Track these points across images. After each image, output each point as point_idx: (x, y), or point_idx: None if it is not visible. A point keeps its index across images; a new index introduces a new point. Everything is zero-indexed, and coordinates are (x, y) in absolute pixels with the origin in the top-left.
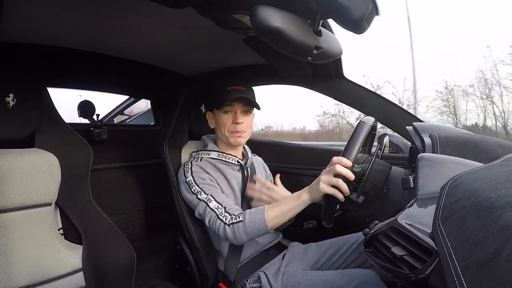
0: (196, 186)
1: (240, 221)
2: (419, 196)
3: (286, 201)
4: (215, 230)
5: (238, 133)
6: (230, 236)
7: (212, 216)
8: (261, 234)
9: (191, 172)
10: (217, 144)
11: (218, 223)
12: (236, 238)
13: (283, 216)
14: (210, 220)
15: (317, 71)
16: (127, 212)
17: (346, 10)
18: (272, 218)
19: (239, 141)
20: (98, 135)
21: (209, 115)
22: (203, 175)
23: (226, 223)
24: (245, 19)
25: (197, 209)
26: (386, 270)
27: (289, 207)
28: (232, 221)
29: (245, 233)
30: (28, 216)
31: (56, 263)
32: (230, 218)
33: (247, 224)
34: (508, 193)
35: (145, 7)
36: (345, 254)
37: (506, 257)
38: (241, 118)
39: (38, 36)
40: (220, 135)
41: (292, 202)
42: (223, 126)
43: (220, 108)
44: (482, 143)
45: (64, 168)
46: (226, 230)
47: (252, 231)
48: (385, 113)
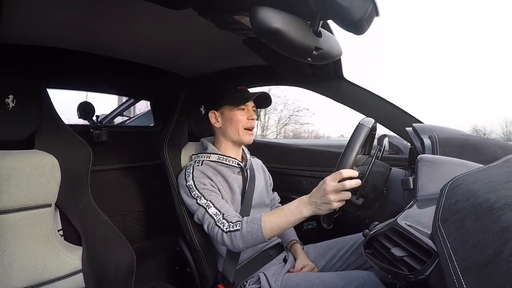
0: (196, 190)
1: (237, 229)
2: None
3: (286, 214)
4: (213, 236)
5: (251, 130)
6: (228, 243)
7: (210, 223)
8: (258, 243)
9: (192, 176)
10: (218, 146)
11: (216, 230)
12: (233, 245)
13: (281, 228)
14: (208, 226)
15: (317, 72)
16: (126, 213)
17: (346, 11)
18: (269, 230)
19: (250, 139)
20: (98, 137)
21: (214, 114)
22: (204, 180)
23: (224, 230)
24: (245, 20)
25: (196, 214)
26: (385, 271)
27: (288, 222)
28: (230, 228)
29: (242, 242)
30: (27, 217)
31: (55, 264)
32: (228, 225)
33: (244, 234)
34: (508, 194)
35: (145, 8)
36: (344, 255)
37: (506, 258)
38: (253, 115)
39: (38, 37)
40: (230, 133)
41: (291, 216)
42: (238, 122)
43: (237, 106)
44: (482, 145)
45: (64, 170)
46: (224, 237)
47: (249, 240)
48: (385, 114)
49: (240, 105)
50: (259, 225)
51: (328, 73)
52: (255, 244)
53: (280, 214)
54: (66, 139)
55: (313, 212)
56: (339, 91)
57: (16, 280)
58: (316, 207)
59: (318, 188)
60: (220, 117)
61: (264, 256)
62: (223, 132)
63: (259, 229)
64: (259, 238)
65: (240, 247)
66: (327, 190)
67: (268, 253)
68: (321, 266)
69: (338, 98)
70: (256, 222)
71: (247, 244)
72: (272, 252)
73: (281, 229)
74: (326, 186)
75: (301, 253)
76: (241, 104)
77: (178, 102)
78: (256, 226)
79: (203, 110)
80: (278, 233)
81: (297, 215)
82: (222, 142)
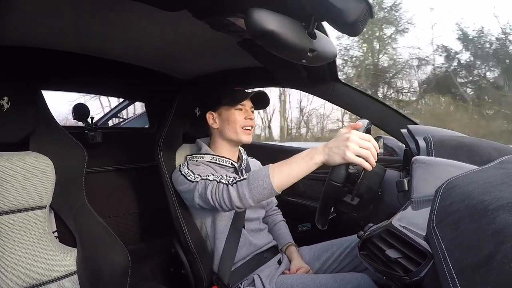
0: (193, 174)
1: (244, 178)
2: (414, 198)
3: (296, 161)
4: (218, 198)
5: (250, 129)
6: (234, 195)
7: (213, 185)
8: (266, 193)
9: (187, 166)
10: (213, 147)
11: (221, 187)
12: (239, 196)
13: (290, 177)
14: (212, 190)
15: (312, 74)
16: (121, 215)
17: (341, 12)
18: (278, 177)
19: (249, 139)
20: (93, 138)
21: (211, 115)
22: (199, 167)
23: (229, 183)
24: (239, 22)
25: (197, 191)
26: (380, 272)
27: (298, 168)
28: (236, 180)
29: (249, 190)
30: (22, 219)
31: (50, 266)
32: (233, 178)
33: (251, 181)
34: (503, 196)
35: (140, 10)
36: (339, 257)
37: (501, 260)
38: (252, 115)
39: (33, 39)
40: (228, 133)
41: (302, 162)
42: (236, 122)
43: (234, 105)
44: (477, 146)
45: (58, 171)
46: (230, 190)
47: (256, 188)
48: (380, 116)
49: (237, 105)
50: (266, 170)
51: (323, 75)
52: (263, 195)
53: (289, 161)
54: (61, 140)
55: (324, 159)
56: (334, 93)
57: (10, 282)
58: (329, 152)
59: (337, 137)
60: (218, 118)
61: (259, 258)
62: (221, 133)
63: (266, 175)
64: (266, 186)
65: (247, 197)
66: (350, 138)
67: (263, 255)
68: (315, 268)
69: (333, 100)
70: (264, 169)
71: (253, 192)
72: (267, 254)
73: (290, 176)
74: (351, 134)
75: (296, 256)
76: (238, 104)
77: (172, 103)
78: (263, 172)
79: (197, 112)
80: (286, 181)
81: (308, 160)
82: (219, 142)
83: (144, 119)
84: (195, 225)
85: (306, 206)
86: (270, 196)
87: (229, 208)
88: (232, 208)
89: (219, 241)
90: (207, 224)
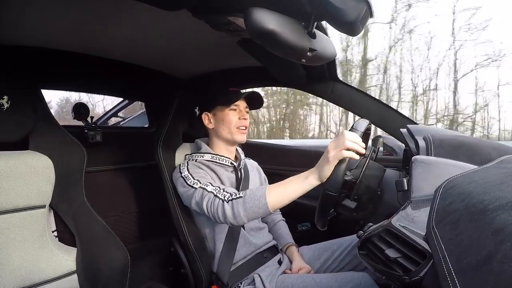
0: (192, 178)
1: (239, 197)
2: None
3: (291, 182)
4: (213, 212)
5: (244, 129)
6: (229, 212)
7: (210, 198)
8: (260, 213)
9: (187, 168)
10: (212, 146)
11: (216, 202)
12: (234, 214)
13: (285, 196)
14: (208, 202)
15: (311, 74)
16: (121, 214)
17: (341, 12)
18: (273, 197)
19: (243, 138)
20: (92, 137)
21: (207, 116)
22: (199, 170)
23: (224, 199)
24: (239, 21)
25: (194, 198)
26: (380, 272)
27: (293, 189)
28: (232, 197)
29: (244, 209)
30: (21, 219)
31: (50, 266)
32: (229, 195)
33: (247, 200)
34: (502, 196)
35: (139, 9)
36: (339, 257)
37: (500, 260)
38: (246, 115)
39: (32, 38)
40: (223, 133)
41: (297, 183)
42: (230, 122)
43: (227, 106)
44: (477, 146)
45: (58, 170)
46: (225, 207)
47: (251, 207)
48: (379, 116)
49: (231, 105)
50: (263, 191)
51: (322, 74)
52: (257, 214)
53: (285, 182)
54: (61, 140)
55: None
56: (333, 92)
57: (10, 282)
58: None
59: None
60: (213, 118)
61: (259, 258)
62: (216, 133)
63: (263, 195)
64: (261, 206)
65: (241, 215)
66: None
67: (263, 255)
68: (316, 267)
69: (332, 99)
70: (260, 189)
71: (248, 212)
72: (267, 254)
73: (285, 196)
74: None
75: (297, 256)
76: (231, 104)
77: (172, 103)
78: (260, 192)
79: (197, 111)
80: (281, 202)
81: (303, 181)
82: (216, 142)
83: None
84: (195, 225)
85: (306, 206)
86: (264, 215)
87: (222, 223)
88: (226, 224)
89: (218, 241)
90: (206, 224)
